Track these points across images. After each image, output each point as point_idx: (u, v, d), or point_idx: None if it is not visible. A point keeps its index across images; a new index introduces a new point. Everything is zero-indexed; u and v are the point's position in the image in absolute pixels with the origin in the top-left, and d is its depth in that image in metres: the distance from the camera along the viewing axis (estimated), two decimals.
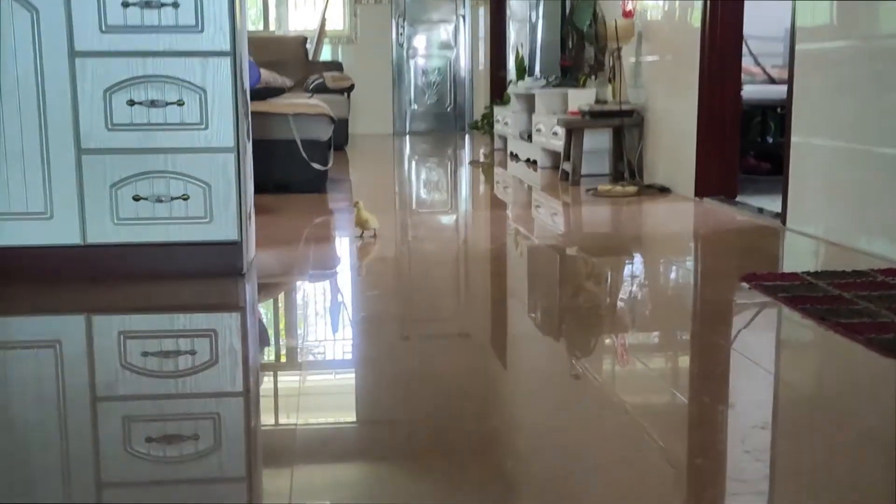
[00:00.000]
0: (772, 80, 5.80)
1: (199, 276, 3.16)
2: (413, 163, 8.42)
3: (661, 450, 1.76)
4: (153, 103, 3.04)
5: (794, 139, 4.10)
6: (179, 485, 1.60)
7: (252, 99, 3.63)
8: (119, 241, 3.12)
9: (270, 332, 2.82)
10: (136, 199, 3.08)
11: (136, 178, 3.08)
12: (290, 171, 5.39)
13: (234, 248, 3.19)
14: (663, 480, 1.65)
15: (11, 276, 3.10)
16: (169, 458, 1.70)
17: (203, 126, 3.07)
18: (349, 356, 2.48)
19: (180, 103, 3.04)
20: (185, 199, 3.10)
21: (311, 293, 3.22)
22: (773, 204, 4.47)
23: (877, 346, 2.32)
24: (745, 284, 3.02)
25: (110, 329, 2.78)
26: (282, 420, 1.96)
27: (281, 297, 3.21)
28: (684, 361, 2.44)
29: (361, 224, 3.96)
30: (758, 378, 2.22)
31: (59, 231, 3.09)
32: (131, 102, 3.03)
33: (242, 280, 3.18)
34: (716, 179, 5.08)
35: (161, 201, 3.10)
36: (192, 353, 2.46)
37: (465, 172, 7.63)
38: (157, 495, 1.57)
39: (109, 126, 3.04)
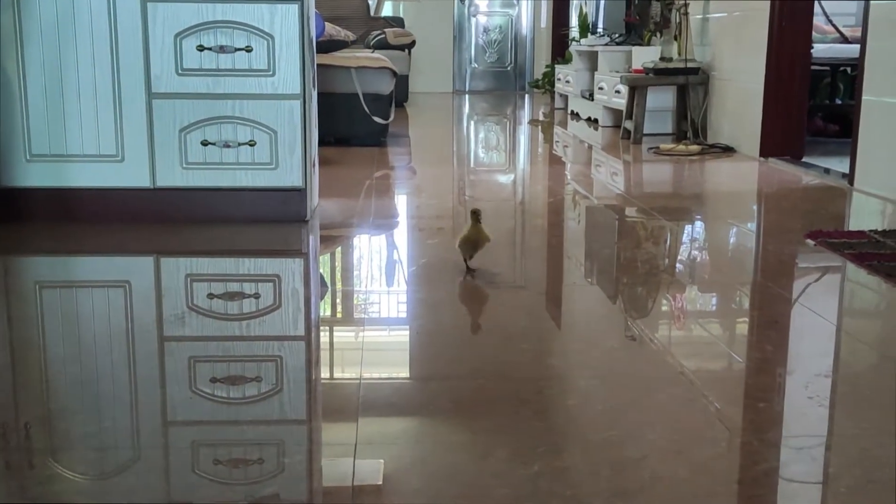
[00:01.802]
0: (844, 39, 5.66)
1: (264, 221, 3.21)
2: (472, 121, 8.40)
3: (720, 397, 1.77)
4: (222, 49, 3.07)
5: (865, 97, 4.01)
6: (241, 425, 1.63)
7: (316, 51, 3.65)
8: (187, 185, 3.18)
9: (331, 279, 2.86)
10: (205, 143, 3.14)
11: (205, 124, 3.13)
12: (352, 124, 5.42)
13: (299, 194, 3.23)
14: (717, 431, 1.66)
15: (83, 217, 3.18)
16: (232, 398, 1.73)
17: (270, 73, 3.11)
18: (406, 308, 2.49)
19: (248, 49, 3.08)
20: (251, 145, 3.15)
21: (371, 243, 3.25)
22: (840, 165, 4.38)
23: None
24: (810, 241, 2.98)
25: (178, 271, 2.83)
26: (343, 368, 1.99)
27: (343, 245, 3.25)
28: (746, 313, 2.43)
29: (472, 243, 2.65)
30: (821, 330, 2.21)
31: (130, 174, 3.16)
32: (201, 48, 3.07)
33: (306, 227, 3.22)
34: (782, 140, 4.99)
35: (228, 146, 3.15)
36: (257, 296, 2.50)
37: (524, 131, 7.60)
38: (221, 434, 1.60)
39: (179, 71, 3.09)
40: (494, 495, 1.38)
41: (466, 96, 11.00)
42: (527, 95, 11.10)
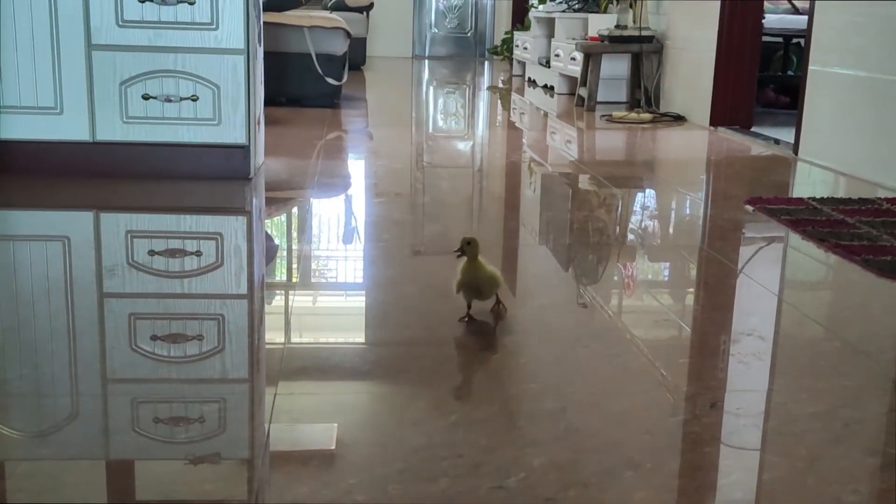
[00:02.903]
0: (796, 11, 5.70)
1: (207, 178, 3.18)
2: (431, 87, 8.36)
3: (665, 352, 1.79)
4: (164, 0, 3.02)
5: (811, 67, 4.05)
6: (182, 384, 1.61)
7: (267, 10, 3.60)
8: (128, 139, 3.13)
9: (275, 237, 2.84)
10: (146, 97, 3.09)
11: (146, 77, 3.08)
12: (304, 84, 5.37)
13: (242, 152, 3.20)
14: (636, 385, 1.68)
15: (21, 170, 3.13)
16: (173, 356, 1.71)
17: (213, 26, 3.06)
18: (357, 269, 2.48)
19: (191, 2, 3.03)
20: (194, 100, 3.11)
21: (316, 203, 3.23)
22: (789, 136, 4.42)
23: (874, 267, 2.32)
24: (749, 207, 3.02)
25: (118, 227, 2.80)
26: (284, 326, 1.98)
27: (287, 204, 3.23)
28: (682, 275, 2.45)
29: (472, 288, 1.94)
30: (752, 292, 2.24)
31: (69, 127, 3.10)
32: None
33: (249, 185, 3.19)
34: (732, 109, 5.03)
35: (170, 101, 3.10)
36: (198, 254, 2.48)
37: (482, 98, 7.58)
38: (161, 393, 1.59)
39: (120, 22, 3.03)
40: (411, 443, 1.38)
41: (426, 62, 10.94)
42: (486, 62, 11.07)
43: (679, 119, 5.40)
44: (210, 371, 1.67)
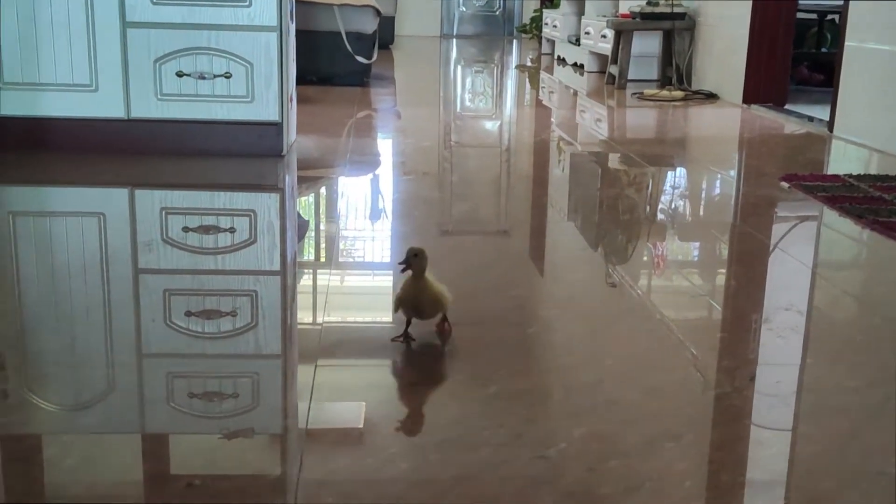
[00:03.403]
0: None
1: (240, 155, 3.19)
2: (459, 66, 8.34)
3: (695, 329, 1.79)
4: None
5: (848, 43, 3.99)
6: (216, 359, 1.62)
7: None
8: (162, 116, 3.15)
9: (307, 215, 2.86)
10: (180, 75, 3.11)
11: (180, 54, 3.09)
12: (334, 63, 5.37)
13: (275, 129, 3.21)
14: (675, 359, 1.68)
15: (57, 147, 3.16)
16: (207, 332, 1.72)
17: (247, 3, 3.07)
18: (386, 248, 2.49)
19: None
20: (227, 78, 3.12)
21: (347, 181, 3.24)
22: (823, 113, 4.37)
23: None
24: (784, 184, 2.99)
25: (152, 203, 2.82)
26: (317, 304, 1.99)
27: (318, 182, 3.24)
28: (717, 250, 2.44)
29: (412, 306, 1.71)
30: (789, 267, 2.22)
31: (104, 104, 3.13)
32: None
33: (282, 162, 3.21)
34: (765, 87, 4.98)
35: (204, 78, 3.12)
36: (232, 231, 2.49)
37: (510, 76, 7.55)
38: (195, 368, 1.60)
39: (154, 0, 3.04)
40: (450, 414, 1.39)
41: (454, 41, 10.90)
42: (515, 41, 11.01)
43: (711, 97, 5.36)
44: (244, 347, 1.68)
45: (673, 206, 2.92)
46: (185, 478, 1.20)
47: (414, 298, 1.67)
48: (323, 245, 2.51)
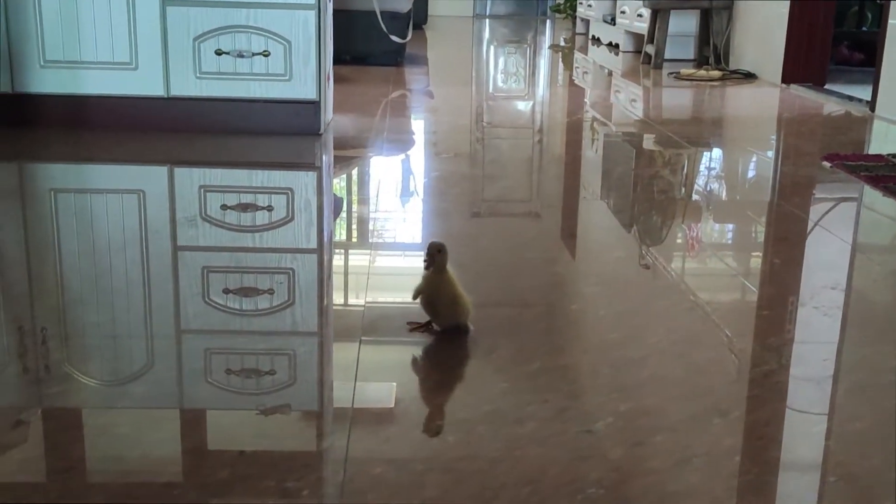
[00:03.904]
0: None
1: (277, 133, 3.20)
2: (492, 46, 8.30)
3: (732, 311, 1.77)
4: None
5: (891, 21, 3.92)
6: (254, 336, 1.62)
7: None
8: (200, 94, 3.17)
9: (343, 194, 2.86)
10: (219, 53, 3.12)
11: (219, 32, 3.10)
12: (369, 42, 5.37)
13: (313, 107, 3.21)
14: (719, 336, 1.67)
15: (98, 125, 3.19)
16: (245, 309, 1.73)
17: None
18: (418, 227, 2.49)
19: None
20: (265, 56, 3.13)
21: (382, 161, 3.24)
22: (864, 93, 4.31)
23: None
24: (826, 164, 2.96)
25: (191, 181, 2.84)
26: (351, 288, 1.99)
27: (355, 161, 3.24)
28: (758, 229, 2.42)
29: (428, 303, 1.63)
30: (832, 246, 2.20)
31: (144, 82, 3.15)
32: None
33: (319, 140, 3.21)
34: (805, 66, 4.91)
35: (242, 56, 3.12)
36: (269, 209, 2.50)
37: (544, 56, 7.50)
38: (233, 345, 1.60)
39: None
40: (495, 389, 1.39)
41: (487, 21, 10.85)
42: (548, 21, 10.94)
43: (749, 76, 5.29)
44: (281, 324, 1.68)
45: (710, 186, 2.89)
46: (224, 453, 1.21)
47: (433, 293, 1.57)
48: (358, 224, 2.51)
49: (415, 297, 1.61)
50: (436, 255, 1.56)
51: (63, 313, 1.73)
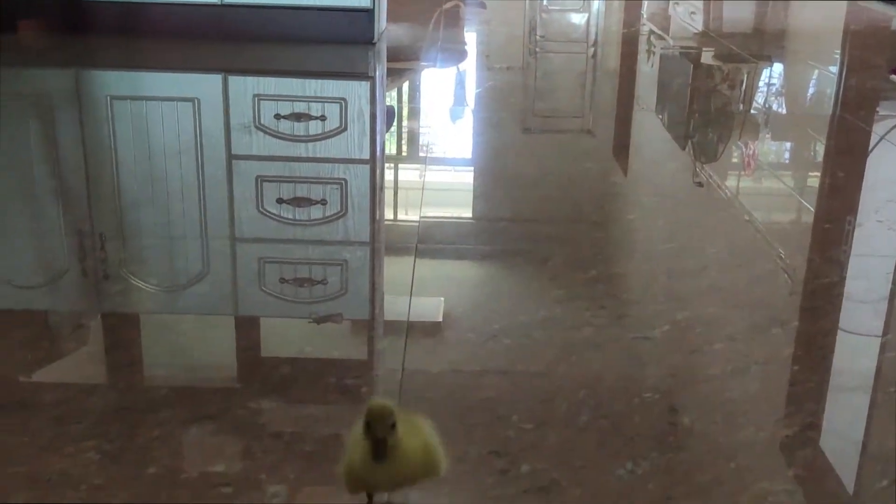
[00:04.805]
0: None
1: (331, 42, 3.17)
2: None
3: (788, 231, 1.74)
4: None
5: None
6: (307, 245, 1.63)
7: None
8: (254, 2, 3.14)
9: (395, 104, 2.84)
10: None
11: None
12: None
13: (367, 16, 3.17)
14: (780, 247, 1.64)
15: (153, 33, 3.18)
16: (298, 219, 1.73)
17: None
18: (470, 143, 2.45)
19: None
20: None
21: (433, 73, 3.20)
22: None
23: None
24: (894, 77, 2.86)
25: (245, 89, 2.83)
26: (405, 203, 1.99)
27: (407, 72, 3.21)
28: (820, 143, 2.36)
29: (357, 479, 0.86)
30: None
31: None
32: None
33: (373, 50, 3.18)
34: None
35: None
36: (323, 118, 2.49)
37: None
38: (286, 254, 1.61)
39: None
40: (551, 295, 1.39)
41: None
42: None
43: None
44: (333, 234, 1.68)
45: (769, 101, 2.82)
46: (281, 356, 1.22)
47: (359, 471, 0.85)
48: (410, 137, 2.50)
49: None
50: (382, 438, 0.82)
51: (120, 219, 1.75)
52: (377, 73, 3.04)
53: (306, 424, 1.04)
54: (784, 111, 2.69)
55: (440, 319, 1.36)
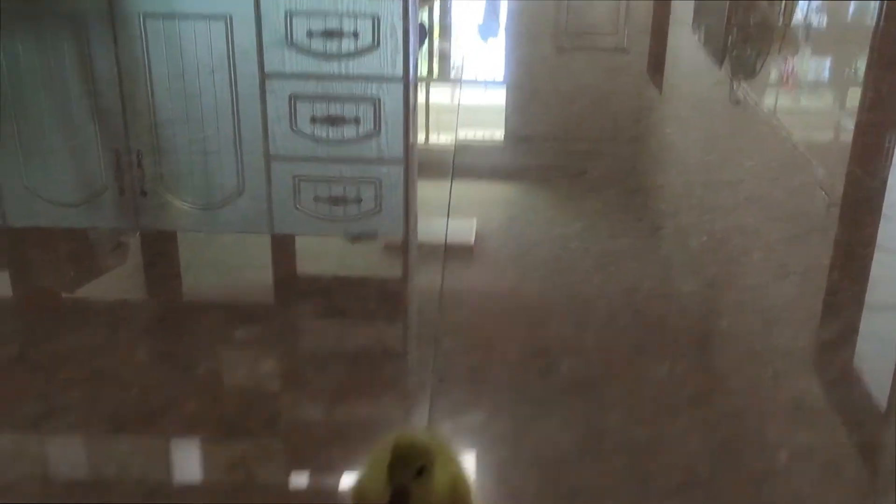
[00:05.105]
0: None
1: None
2: None
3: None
4: None
5: None
6: (340, 163, 1.63)
7: None
8: None
9: (427, 22, 2.80)
10: None
11: None
12: None
13: None
14: (818, 161, 1.62)
15: None
16: (332, 138, 1.72)
17: None
18: (503, 63, 2.41)
19: None
20: None
21: None
22: None
23: None
24: None
25: (277, 6, 2.79)
26: (439, 125, 1.97)
27: None
28: (860, 55, 2.31)
29: None
30: None
31: None
32: None
33: None
34: None
35: None
36: (355, 35, 2.46)
37: None
38: (320, 172, 1.60)
39: None
40: (585, 208, 1.39)
41: None
42: None
43: None
44: (367, 153, 1.67)
45: (810, 15, 2.75)
46: (318, 273, 1.24)
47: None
48: (442, 56, 2.47)
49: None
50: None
51: (156, 137, 1.76)
52: None
53: (348, 326, 1.06)
54: (825, 25, 2.63)
55: (472, 240, 1.37)
